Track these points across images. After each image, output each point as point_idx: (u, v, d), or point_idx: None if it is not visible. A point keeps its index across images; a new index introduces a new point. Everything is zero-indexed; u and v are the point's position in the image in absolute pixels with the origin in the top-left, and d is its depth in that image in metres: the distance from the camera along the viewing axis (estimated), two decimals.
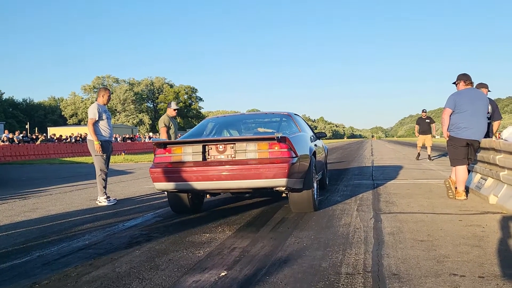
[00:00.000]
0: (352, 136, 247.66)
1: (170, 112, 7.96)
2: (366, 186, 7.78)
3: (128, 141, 38.91)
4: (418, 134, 14.84)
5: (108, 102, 6.95)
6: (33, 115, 70.50)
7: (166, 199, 6.07)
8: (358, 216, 4.94)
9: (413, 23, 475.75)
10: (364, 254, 3.38)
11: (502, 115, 7.18)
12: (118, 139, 37.82)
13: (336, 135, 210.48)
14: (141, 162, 19.54)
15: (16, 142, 27.17)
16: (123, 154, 25.33)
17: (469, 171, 6.48)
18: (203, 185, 4.64)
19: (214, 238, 4.11)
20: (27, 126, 50.60)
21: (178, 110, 8.31)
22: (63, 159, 23.95)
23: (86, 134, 6.91)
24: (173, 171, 4.70)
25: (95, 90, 77.03)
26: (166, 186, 4.77)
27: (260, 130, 6.60)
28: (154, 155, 4.98)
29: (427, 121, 14.69)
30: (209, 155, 4.78)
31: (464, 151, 5.92)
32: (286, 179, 4.47)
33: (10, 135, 28.45)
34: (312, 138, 6.19)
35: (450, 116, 5.95)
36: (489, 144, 5.68)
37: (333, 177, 9.45)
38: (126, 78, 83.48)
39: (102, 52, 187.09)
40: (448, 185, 6.10)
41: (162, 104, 79.26)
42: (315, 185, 5.51)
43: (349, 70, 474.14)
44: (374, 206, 5.55)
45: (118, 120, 73.81)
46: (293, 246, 3.69)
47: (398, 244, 3.65)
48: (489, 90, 6.84)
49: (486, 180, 5.96)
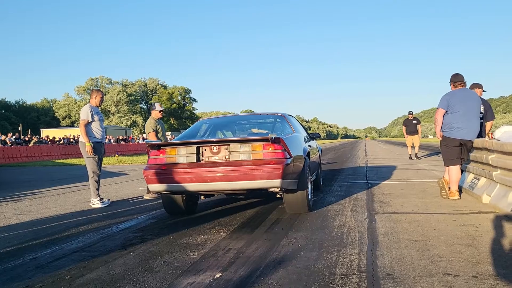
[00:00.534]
0: (346, 136, 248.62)
1: (156, 114, 7.65)
2: (360, 186, 7.80)
3: (121, 142, 38.78)
4: (406, 135, 15.58)
5: (101, 103, 6.92)
6: (26, 117, 69.99)
7: (160, 201, 6.06)
8: (352, 216, 4.95)
9: (406, 23, 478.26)
10: (358, 255, 3.38)
11: (495, 115, 7.22)
12: (112, 141, 37.69)
13: (330, 136, 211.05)
14: (135, 163, 19.47)
15: (8, 144, 27.00)
16: (117, 155, 25.22)
17: (462, 171, 6.51)
18: (197, 186, 4.63)
19: (209, 239, 4.10)
20: (20, 128, 50.20)
21: (163, 111, 8.01)
22: (56, 161, 23.82)
23: (79, 135, 6.87)
24: (167, 173, 4.68)
25: (89, 91, 76.66)
26: (160, 187, 4.76)
27: (254, 131, 6.60)
28: (148, 157, 4.96)
29: (414, 122, 15.46)
30: (203, 157, 4.77)
31: (457, 151, 5.95)
32: (280, 180, 4.47)
33: (3, 137, 28.28)
34: (306, 138, 6.19)
35: (443, 116, 5.98)
36: (482, 144, 5.71)
37: (327, 177, 9.46)
38: (119, 79, 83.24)
39: (95, 53, 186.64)
40: (441, 185, 6.13)
41: None
42: (310, 185, 5.52)
43: (342, 71, 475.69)
44: (368, 207, 5.57)
45: (111, 121, 73.49)
46: (287, 247, 3.69)
47: (392, 244, 3.66)
48: (483, 90, 6.87)
49: (479, 179, 6.00)
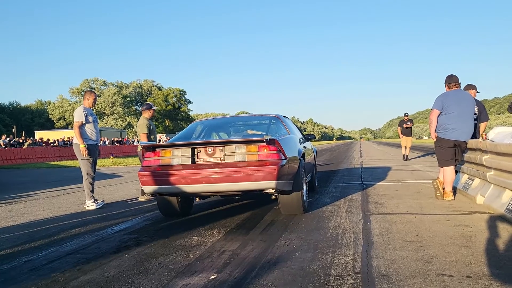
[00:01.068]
0: (341, 137, 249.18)
1: (148, 114, 7.51)
2: (355, 187, 7.82)
3: (116, 144, 38.66)
4: (402, 136, 15.99)
5: (94, 105, 6.90)
6: (20, 119, 69.69)
7: (155, 203, 6.05)
8: (347, 217, 4.96)
9: (401, 25, 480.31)
10: (353, 256, 3.39)
11: (489, 116, 7.27)
12: (107, 142, 37.56)
13: (325, 137, 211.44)
14: (129, 165, 19.41)
15: (2, 146, 26.84)
16: (112, 157, 25.14)
17: (456, 172, 6.54)
18: (192, 188, 4.62)
19: (204, 241, 4.10)
20: (14, 130, 49.98)
21: (155, 110, 7.86)
22: (51, 163, 23.72)
23: (73, 137, 6.85)
24: (162, 174, 4.67)
25: (83, 93, 76.39)
26: (155, 189, 4.74)
27: (249, 132, 6.60)
28: (143, 158, 4.96)
29: (409, 123, 15.84)
30: (198, 158, 4.76)
31: (451, 152, 5.98)
32: (275, 182, 4.47)
33: None
34: (301, 140, 6.20)
35: (438, 117, 6.01)
36: (476, 145, 5.74)
37: (322, 178, 9.48)
38: (114, 81, 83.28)
39: (90, 55, 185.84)
40: (436, 185, 6.15)
41: None
42: (305, 187, 5.52)
43: (338, 72, 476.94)
44: (363, 208, 5.58)
45: (106, 123, 73.34)
46: (283, 248, 3.69)
47: (387, 245, 3.67)
48: (477, 91, 6.92)
49: (473, 180, 6.03)
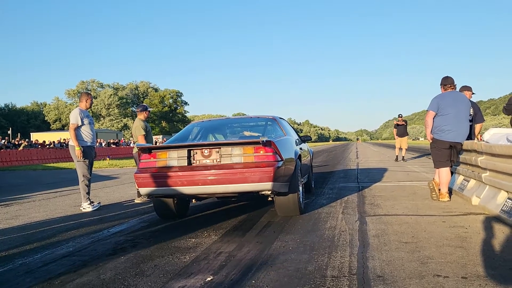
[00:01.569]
0: (337, 139, 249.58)
1: (143, 115, 7.52)
2: (351, 188, 7.83)
3: (112, 146, 38.57)
4: (396, 137, 16.13)
5: (90, 107, 6.91)
6: (15, 121, 69.37)
7: (152, 204, 6.04)
8: (343, 219, 4.97)
9: (398, 26, 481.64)
10: (349, 257, 3.40)
11: (484, 117, 7.31)
12: (103, 144, 37.46)
13: (321, 138, 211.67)
14: (126, 167, 19.39)
15: None
16: (108, 159, 25.08)
17: (452, 173, 6.57)
18: (189, 189, 4.62)
19: (200, 243, 4.10)
20: (9, 132, 49.78)
21: (149, 111, 7.78)
22: (47, 165, 23.64)
23: (69, 139, 6.84)
24: (158, 176, 4.67)
25: (79, 94, 76.19)
26: (151, 191, 4.74)
27: (245, 134, 6.61)
28: (139, 160, 4.95)
29: (403, 124, 16.03)
30: (194, 160, 4.76)
31: (447, 153, 6.00)
32: (271, 183, 4.47)
33: None
34: (297, 141, 6.21)
35: (434, 118, 6.03)
36: (471, 146, 5.77)
37: (318, 180, 9.49)
38: (110, 82, 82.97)
39: (86, 56, 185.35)
40: (431, 187, 6.17)
41: None
42: (301, 188, 5.53)
43: (335, 74, 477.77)
44: (359, 209, 5.59)
45: (102, 124, 73.14)
46: (279, 250, 3.69)
47: (383, 246, 3.68)
48: (473, 93, 6.95)
49: (468, 181, 6.05)
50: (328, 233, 4.27)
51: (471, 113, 6.16)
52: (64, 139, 33.32)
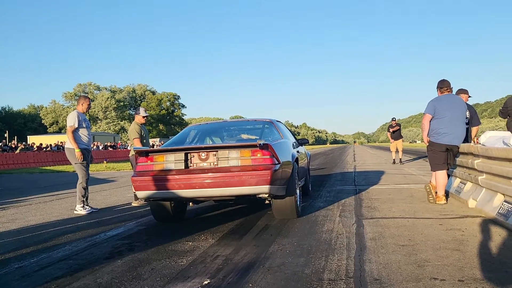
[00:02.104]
0: (334, 141, 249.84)
1: (139, 119, 7.42)
2: (349, 191, 7.84)
3: (109, 149, 38.51)
4: (392, 140, 16.26)
5: (87, 110, 6.91)
6: (12, 124, 69.26)
7: (149, 208, 6.03)
8: (340, 222, 4.97)
9: (395, 29, 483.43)
10: (346, 260, 3.40)
11: (481, 120, 7.33)
12: (100, 147, 37.41)
13: (319, 141, 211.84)
14: (123, 170, 19.35)
15: None
16: (105, 162, 25.02)
17: (448, 176, 6.59)
18: (186, 193, 4.61)
19: (197, 246, 4.09)
20: (6, 135, 49.68)
21: (147, 117, 7.71)
22: (43, 168, 23.56)
23: (65, 142, 6.84)
24: (155, 180, 4.66)
25: (76, 97, 76.15)
26: (148, 194, 4.73)
27: (243, 137, 6.61)
28: (136, 164, 4.95)
29: (397, 127, 16.10)
30: (191, 163, 4.76)
31: (443, 156, 6.02)
32: (268, 186, 4.48)
33: None
34: (294, 144, 6.22)
35: (430, 121, 6.05)
36: (467, 149, 5.78)
37: (316, 183, 9.49)
38: (107, 85, 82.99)
39: (83, 59, 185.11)
40: (428, 189, 6.19)
41: None
42: (298, 191, 5.53)
43: (332, 76, 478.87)
44: (357, 212, 5.60)
45: (99, 127, 73.06)
46: (276, 253, 3.69)
47: (379, 249, 3.69)
48: (469, 96, 6.98)
49: (465, 184, 6.06)
50: (325, 236, 4.27)
51: (468, 116, 6.18)
52: (61, 142, 33.26)
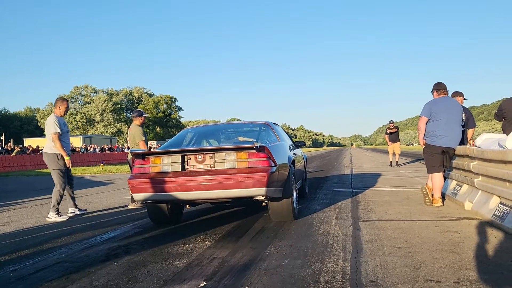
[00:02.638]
0: (331, 144, 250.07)
1: (139, 121, 7.46)
2: (345, 194, 7.85)
3: (106, 151, 38.42)
4: (390, 143, 16.39)
5: (65, 113, 6.55)
6: (8, 126, 68.98)
7: (145, 210, 6.02)
8: (337, 224, 4.97)
9: (392, 30, 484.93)
10: (342, 262, 3.40)
11: (476, 123, 7.37)
12: (97, 150, 37.32)
13: (315, 144, 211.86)
14: (120, 172, 19.30)
15: None
16: (102, 164, 24.96)
17: (445, 178, 6.60)
18: (183, 195, 4.61)
19: (194, 248, 4.09)
20: (2, 137, 49.48)
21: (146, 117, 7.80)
22: (40, 171, 23.47)
23: (43, 146, 6.53)
24: (152, 182, 4.66)
25: (73, 100, 76.12)
26: (145, 196, 4.73)
27: (239, 139, 6.61)
28: (133, 166, 4.94)
29: (393, 128, 16.22)
30: (188, 165, 4.76)
31: (440, 159, 6.04)
32: (265, 188, 4.48)
33: None
34: (291, 147, 6.22)
35: (426, 124, 6.07)
36: (463, 151, 5.80)
37: (312, 185, 9.50)
38: (104, 87, 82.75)
39: (80, 61, 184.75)
40: (424, 192, 6.20)
41: None
42: (295, 193, 5.53)
43: (329, 79, 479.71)
44: (353, 214, 5.60)
45: (96, 130, 72.93)
46: (272, 255, 3.69)
47: (376, 251, 3.69)
48: (464, 98, 7.01)
49: (461, 186, 6.08)
50: (321, 238, 4.27)
51: (463, 118, 6.21)
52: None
